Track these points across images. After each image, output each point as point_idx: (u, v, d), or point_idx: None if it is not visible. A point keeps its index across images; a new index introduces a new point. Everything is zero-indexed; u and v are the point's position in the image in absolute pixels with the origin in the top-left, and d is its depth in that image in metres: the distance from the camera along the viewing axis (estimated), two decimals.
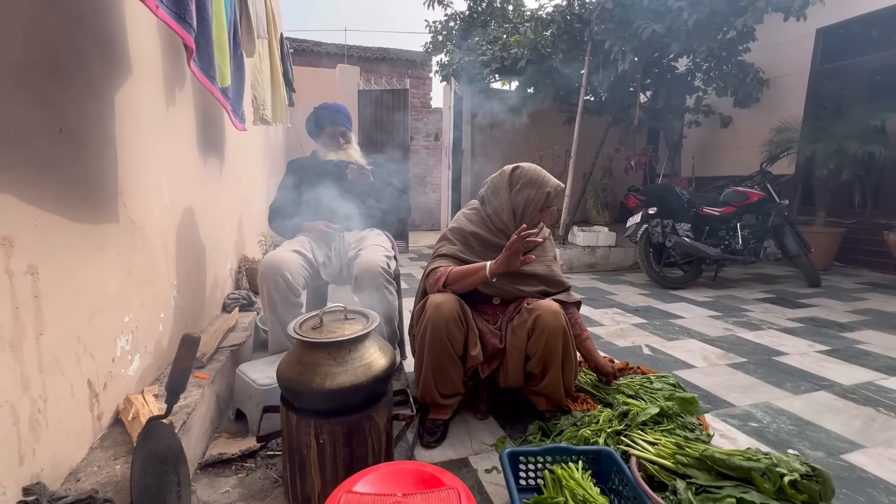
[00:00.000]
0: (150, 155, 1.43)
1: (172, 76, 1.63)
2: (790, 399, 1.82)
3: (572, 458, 1.21)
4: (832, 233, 4.64)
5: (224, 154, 2.37)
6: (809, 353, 2.35)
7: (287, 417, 1.05)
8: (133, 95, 1.31)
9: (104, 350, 1.15)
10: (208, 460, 1.31)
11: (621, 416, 1.39)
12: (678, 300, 3.49)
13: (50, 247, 0.94)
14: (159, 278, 1.51)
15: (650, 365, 2.15)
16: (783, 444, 1.50)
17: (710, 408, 1.74)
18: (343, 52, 8.57)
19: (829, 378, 2.03)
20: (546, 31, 5.08)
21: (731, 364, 2.19)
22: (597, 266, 4.75)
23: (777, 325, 2.84)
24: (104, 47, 1.17)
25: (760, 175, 4.01)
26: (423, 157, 8.95)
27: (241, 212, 2.87)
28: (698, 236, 3.86)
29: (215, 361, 1.64)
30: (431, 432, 1.49)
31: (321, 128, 2.11)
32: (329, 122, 2.10)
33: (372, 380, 1.04)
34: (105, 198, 1.17)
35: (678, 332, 2.69)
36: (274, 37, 2.53)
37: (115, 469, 1.02)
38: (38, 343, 0.90)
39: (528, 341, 1.48)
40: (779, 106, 5.15)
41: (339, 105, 2.18)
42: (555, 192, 1.58)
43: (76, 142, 1.04)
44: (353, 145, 2.16)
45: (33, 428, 0.88)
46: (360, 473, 0.78)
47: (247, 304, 2.35)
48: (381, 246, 1.88)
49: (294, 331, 1.07)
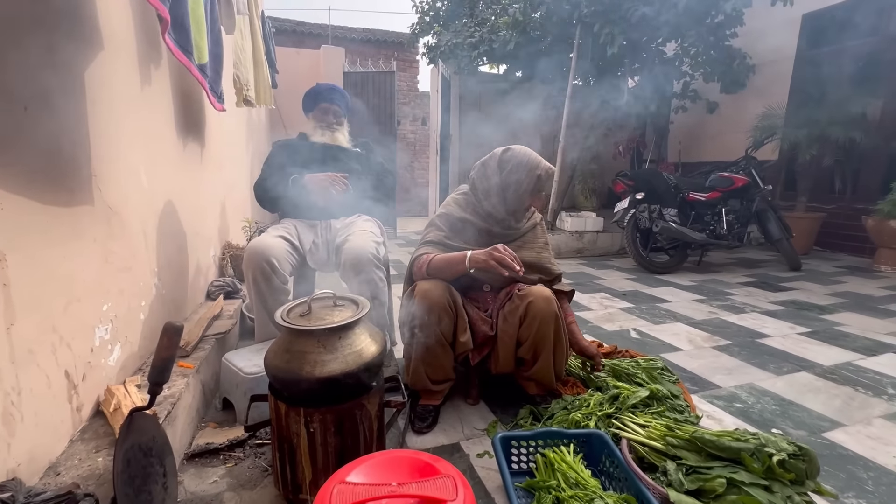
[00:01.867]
0: (125, 136, 1.36)
1: (148, 54, 1.54)
2: (773, 380, 1.86)
3: (563, 442, 1.22)
4: (812, 217, 4.73)
5: (205, 137, 2.28)
6: (791, 335, 2.40)
7: (276, 406, 1.03)
8: (105, 73, 1.24)
9: (82, 340, 1.10)
10: (195, 450, 1.29)
11: (612, 400, 1.40)
12: (664, 284, 3.54)
13: (18, 233, 0.89)
14: (139, 265, 1.45)
15: (638, 348, 2.18)
16: (767, 423, 1.53)
17: (697, 389, 1.77)
18: (327, 33, 8.33)
19: (810, 359, 2.08)
20: (535, 13, 5.00)
21: (717, 346, 2.23)
22: (584, 251, 4.77)
23: (760, 308, 2.90)
24: (71, 21, 1.10)
25: (745, 161, 4.05)
26: (411, 142, 8.84)
27: (224, 196, 2.79)
28: (684, 221, 3.90)
29: (200, 350, 1.60)
30: (423, 418, 1.48)
31: (316, 103, 2.05)
32: (325, 99, 2.05)
33: (363, 367, 1.02)
34: (78, 181, 1.11)
35: (664, 315, 2.73)
36: (255, 14, 2.43)
37: (96, 462, 0.99)
38: (8, 334, 0.85)
39: (520, 327, 1.48)
40: (764, 92, 5.18)
41: (337, 87, 2.14)
42: (546, 174, 1.54)
43: (43, 122, 0.98)
44: (344, 129, 2.11)
45: (7, 422, 0.84)
46: (352, 463, 0.76)
47: (232, 291, 2.30)
48: (369, 231, 1.84)
49: (282, 318, 1.04)
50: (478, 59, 5.60)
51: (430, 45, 5.87)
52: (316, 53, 5.48)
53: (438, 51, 5.63)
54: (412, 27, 6.09)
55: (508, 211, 1.57)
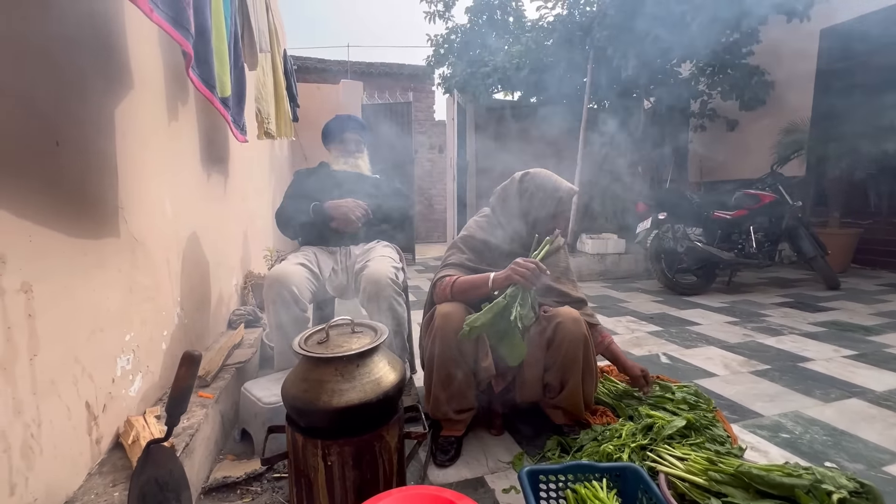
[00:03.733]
0: (151, 169, 1.41)
1: (174, 90, 1.61)
2: (821, 407, 1.73)
3: (595, 476, 1.14)
4: (848, 234, 4.53)
5: (228, 168, 2.35)
6: (836, 358, 2.25)
7: (293, 438, 1.00)
8: (134, 109, 1.29)
9: (104, 370, 1.10)
10: (212, 484, 1.26)
11: (645, 430, 1.31)
12: (693, 306, 3.40)
13: (46, 264, 0.91)
14: (162, 295, 1.47)
15: (669, 374, 2.06)
16: (819, 456, 1.41)
17: (736, 418, 1.65)
18: (346, 69, 8.67)
19: (860, 384, 1.93)
20: (547, 40, 5.09)
21: (755, 371, 2.10)
22: (607, 274, 4.66)
23: (798, 329, 2.74)
24: (104, 61, 1.15)
25: (771, 177, 3.94)
26: (428, 170, 8.97)
27: (247, 227, 2.85)
28: (711, 241, 3.79)
29: (220, 380, 1.59)
30: (445, 450, 1.42)
31: (335, 134, 2.10)
32: (343, 128, 2.09)
33: (381, 396, 0.99)
34: (105, 213, 1.14)
35: (695, 339, 2.60)
36: (277, 52, 2.54)
37: (113, 497, 0.97)
38: (31, 365, 0.86)
39: (548, 350, 1.42)
40: (785, 107, 5.08)
41: (355, 117, 2.19)
42: (567, 195, 1.51)
43: (74, 155, 1.01)
44: (364, 157, 2.15)
45: (25, 455, 0.83)
46: (374, 499, 0.72)
47: (252, 319, 2.31)
48: (388, 257, 1.83)
49: (299, 346, 1.02)
50: (492, 87, 5.71)
51: (446, 75, 6.02)
52: (336, 88, 5.68)
53: (453, 80, 5.77)
54: (428, 59, 6.28)
55: (530, 234, 1.54)
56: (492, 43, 5.65)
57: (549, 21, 5.06)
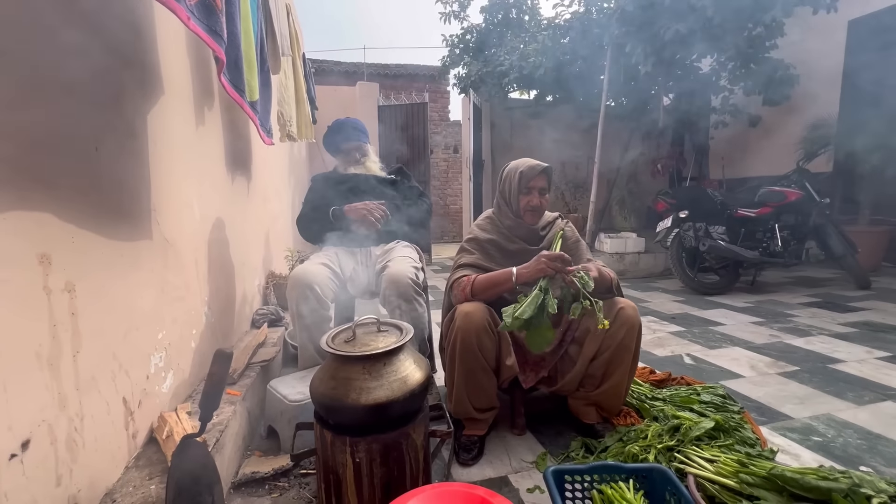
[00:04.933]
0: (181, 172, 1.45)
1: (201, 95, 1.65)
2: (854, 410, 1.68)
3: (622, 477, 1.13)
4: (878, 231, 4.38)
5: (251, 171, 2.40)
6: (868, 359, 2.18)
7: (322, 435, 1.02)
8: (165, 114, 1.33)
9: (139, 367, 1.14)
10: (241, 479, 1.28)
11: (672, 431, 1.29)
12: (716, 306, 3.33)
13: (86, 264, 0.94)
14: (191, 294, 1.51)
15: (693, 375, 2.03)
16: (854, 460, 1.37)
17: (765, 420, 1.62)
18: (362, 70, 8.75)
19: (895, 387, 1.87)
20: (564, 38, 5.05)
21: (783, 373, 2.05)
22: (626, 273, 4.60)
23: (828, 330, 2.66)
24: (138, 69, 1.19)
25: (797, 173, 3.83)
26: (443, 170, 8.99)
27: (268, 227, 2.91)
28: (734, 239, 3.70)
29: (246, 378, 1.63)
30: (468, 449, 1.42)
31: (336, 146, 2.11)
32: (343, 140, 2.09)
33: (408, 394, 1.00)
34: (139, 214, 1.18)
35: (720, 339, 2.55)
36: (297, 55, 2.58)
37: (150, 490, 1.00)
38: (75, 361, 0.89)
39: (605, 338, 1.43)
40: (811, 102, 4.93)
41: (350, 120, 2.15)
42: (529, 169, 1.54)
43: (111, 159, 1.05)
44: (371, 157, 2.14)
45: (70, 448, 0.87)
46: (406, 495, 0.73)
47: (275, 319, 2.35)
48: (408, 257, 1.85)
49: (327, 344, 1.04)
50: (508, 87, 5.69)
51: (461, 75, 6.02)
52: (352, 90, 5.73)
53: (469, 80, 5.76)
54: (443, 60, 6.29)
55: (516, 214, 1.59)
56: (507, 42, 5.62)
57: (565, 19, 5.02)
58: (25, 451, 0.76)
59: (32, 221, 0.80)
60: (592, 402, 1.48)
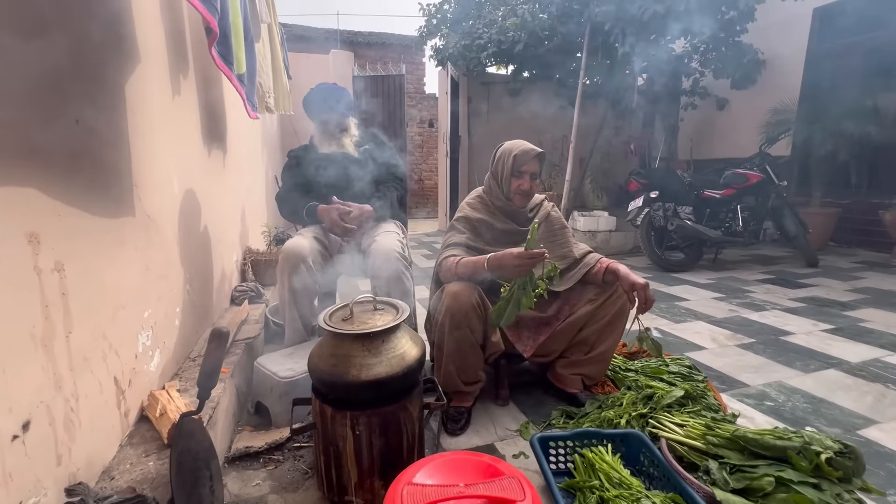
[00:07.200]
0: (159, 145, 1.39)
1: (177, 66, 1.56)
2: (802, 377, 1.85)
3: (601, 442, 1.23)
4: (828, 213, 4.69)
5: (226, 144, 2.31)
6: (815, 332, 2.39)
7: (321, 410, 1.04)
8: (142, 84, 1.26)
9: (127, 346, 1.12)
10: (235, 454, 1.30)
11: (645, 399, 1.40)
12: (681, 283, 3.52)
13: (74, 242, 0.91)
14: (174, 272, 1.47)
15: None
16: (800, 421, 1.53)
17: (725, 388, 1.76)
18: (336, 37, 8.37)
19: (837, 356, 2.06)
20: (543, 13, 5.00)
21: (741, 345, 2.22)
22: (598, 251, 4.71)
23: (780, 305, 2.88)
24: (112, 32, 1.12)
25: (759, 157, 4.02)
26: (418, 144, 8.86)
27: (244, 202, 2.82)
28: (700, 219, 3.89)
29: (232, 355, 1.62)
30: (455, 420, 1.49)
31: (316, 113, 2.00)
32: (324, 109, 1.97)
33: (406, 370, 1.04)
34: (121, 191, 1.13)
35: (684, 314, 2.72)
36: (274, 21, 2.45)
37: (148, 466, 1.01)
38: (67, 341, 0.87)
39: (605, 301, 1.54)
40: (775, 87, 5.14)
41: (336, 88, 2.03)
42: (523, 153, 1.56)
43: (91, 133, 1.00)
44: (349, 133, 2.03)
45: (68, 427, 0.86)
46: (417, 464, 0.77)
47: (255, 296, 2.32)
48: (394, 233, 1.86)
49: (325, 322, 1.05)
50: (486, 61, 5.61)
51: (438, 47, 5.88)
52: (325, 58, 5.52)
53: (447, 53, 5.64)
54: (420, 30, 6.11)
55: (506, 196, 1.62)
56: (486, 14, 5.51)
57: None
58: (26, 432, 0.75)
59: (20, 197, 0.77)
60: (578, 370, 1.57)
